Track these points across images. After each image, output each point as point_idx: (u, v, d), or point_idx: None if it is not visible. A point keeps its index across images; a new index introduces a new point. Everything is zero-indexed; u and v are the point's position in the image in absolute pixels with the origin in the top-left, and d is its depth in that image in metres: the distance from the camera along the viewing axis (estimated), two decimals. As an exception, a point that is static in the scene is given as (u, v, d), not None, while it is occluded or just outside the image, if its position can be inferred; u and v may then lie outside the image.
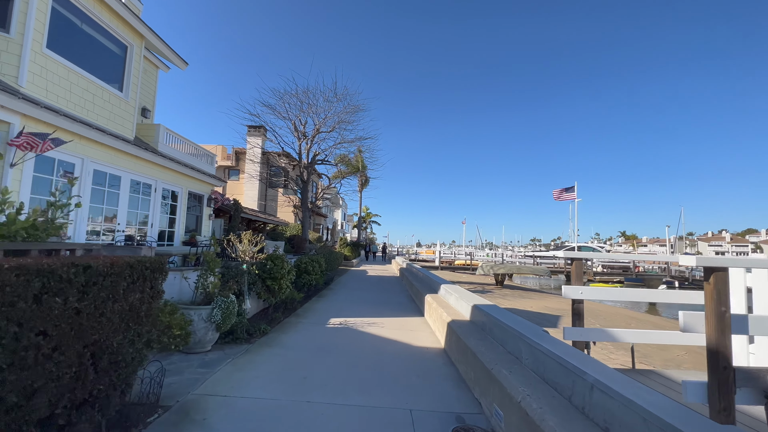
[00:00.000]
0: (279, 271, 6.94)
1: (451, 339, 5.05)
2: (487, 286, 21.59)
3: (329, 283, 12.76)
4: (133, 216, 9.01)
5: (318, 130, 15.95)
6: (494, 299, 15.98)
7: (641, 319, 14.17)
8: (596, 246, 49.30)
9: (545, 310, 14.09)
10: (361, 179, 37.90)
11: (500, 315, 4.36)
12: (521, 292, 19.97)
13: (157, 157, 9.36)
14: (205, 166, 12.52)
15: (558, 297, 19.62)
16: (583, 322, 3.30)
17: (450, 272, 27.27)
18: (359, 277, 16.34)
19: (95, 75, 7.71)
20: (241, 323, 5.21)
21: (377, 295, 10.78)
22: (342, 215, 52.24)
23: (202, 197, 12.39)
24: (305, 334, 5.92)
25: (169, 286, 4.83)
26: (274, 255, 7.14)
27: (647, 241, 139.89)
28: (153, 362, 3.32)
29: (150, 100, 13.19)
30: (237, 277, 5.71)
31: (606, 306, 17.50)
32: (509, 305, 14.50)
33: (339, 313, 7.70)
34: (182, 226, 11.04)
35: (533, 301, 16.34)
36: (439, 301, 6.99)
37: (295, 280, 9.51)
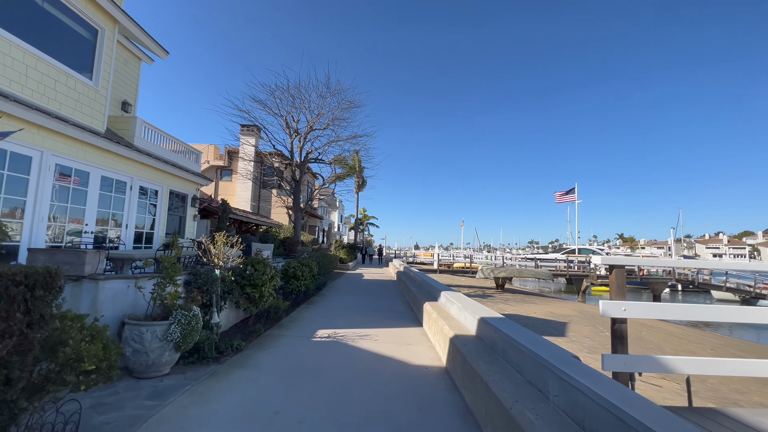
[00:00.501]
0: (260, 277, 6.18)
1: (455, 358, 4.31)
2: (487, 290, 20.87)
3: (321, 288, 12.00)
4: (105, 216, 8.24)
5: (311, 128, 15.24)
6: (496, 305, 15.26)
7: (683, 336, 12.02)
8: (596, 248, 48.74)
9: (550, 316, 13.38)
10: (357, 181, 37.22)
11: (514, 332, 3.63)
12: (523, 297, 19.25)
13: (132, 152, 8.61)
14: (190, 163, 11.76)
15: (561, 301, 18.92)
16: (627, 346, 2.57)
17: (449, 275, 26.52)
18: (354, 282, 15.58)
19: (59, 60, 6.96)
20: (209, 339, 4.45)
21: (372, 302, 10.03)
22: (339, 217, 51.46)
23: (186, 197, 11.62)
24: (286, 350, 5.16)
25: (121, 298, 4.08)
26: (256, 259, 6.39)
27: (645, 243, 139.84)
28: (70, 401, 2.56)
29: (131, 93, 12.44)
30: (207, 285, 4.95)
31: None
32: (512, 311, 13.78)
33: (328, 324, 6.95)
34: (163, 228, 10.28)
35: (537, 306, 15.63)
36: (439, 311, 6.25)
37: (283, 286, 8.76)
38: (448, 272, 23.73)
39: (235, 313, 6.48)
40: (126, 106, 11.93)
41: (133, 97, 12.48)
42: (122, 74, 12.02)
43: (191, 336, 3.95)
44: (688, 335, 11.57)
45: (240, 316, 6.64)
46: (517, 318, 12.22)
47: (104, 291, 3.92)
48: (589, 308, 16.76)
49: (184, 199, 11.53)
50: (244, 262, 6.45)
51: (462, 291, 19.67)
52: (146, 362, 3.71)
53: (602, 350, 8.63)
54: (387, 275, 19.69)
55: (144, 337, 3.68)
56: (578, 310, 15.27)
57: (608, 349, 8.80)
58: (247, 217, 17.54)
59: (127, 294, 4.12)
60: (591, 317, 13.61)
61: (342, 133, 15.63)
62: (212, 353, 4.44)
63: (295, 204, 14.85)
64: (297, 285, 8.71)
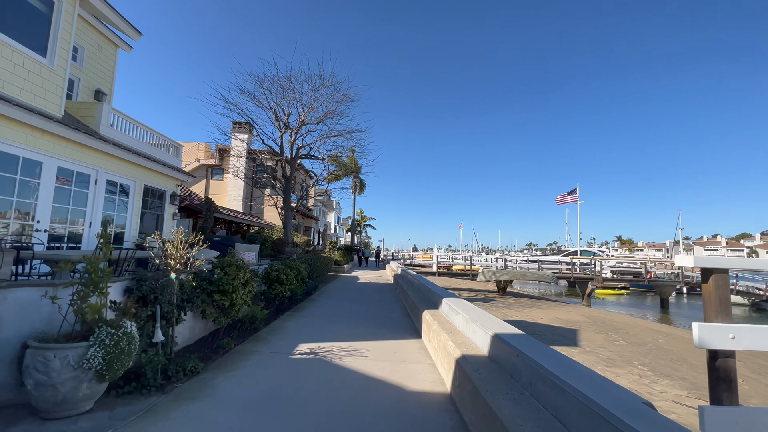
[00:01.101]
0: (230, 282, 5.26)
1: (463, 386, 3.40)
2: (488, 293, 19.98)
3: (312, 293, 11.07)
4: (63, 212, 7.30)
5: (303, 122, 14.35)
6: (499, 310, 14.37)
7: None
8: (597, 250, 47.99)
9: (557, 322, 12.50)
10: (354, 181, 36.36)
11: (545, 358, 2.73)
12: (526, 301, 18.37)
13: (96, 141, 7.68)
14: (168, 157, 10.84)
15: (566, 306, 18.05)
16: (737, 393, 1.68)
17: (448, 278, 25.63)
18: (348, 285, 14.65)
19: (4, 32, 6.04)
20: (152, 362, 3.53)
21: (366, 309, 9.11)
22: (335, 218, 50.55)
23: (165, 194, 10.69)
24: (256, 372, 4.24)
25: (31, 312, 3.15)
26: (226, 261, 5.47)
27: (643, 245, 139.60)
28: None
29: (107, 82, 11.52)
30: (156, 293, 4.02)
31: (620, 316, 15.95)
32: (516, 316, 12.89)
33: (314, 335, 6.03)
34: (135, 227, 9.34)
35: (542, 311, 14.74)
36: (441, 322, 5.35)
37: (266, 291, 7.83)
38: (447, 275, 22.86)
39: (203, 324, 5.55)
40: (100, 95, 11.00)
41: (109, 86, 11.56)
42: (96, 61, 11.10)
43: (121, 360, 3.02)
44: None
45: (209, 327, 5.71)
46: (524, 325, 11.33)
47: (5, 302, 2.99)
48: (597, 313, 15.89)
49: (162, 196, 10.59)
50: (214, 265, 5.54)
51: (462, 295, 18.74)
52: (54, 398, 2.79)
53: (622, 363, 7.77)
54: (384, 278, 18.78)
55: (50, 365, 2.75)
56: (586, 315, 14.40)
57: (626, 359, 7.86)
58: (236, 217, 16.60)
59: (41, 306, 3.20)
60: (601, 323, 12.74)
61: (336, 128, 14.76)
62: (156, 380, 3.51)
63: (286, 202, 13.94)
64: (281, 290, 7.78)
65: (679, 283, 20.51)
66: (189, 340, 5.19)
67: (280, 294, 7.77)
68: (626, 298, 26.77)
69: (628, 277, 22.80)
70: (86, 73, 10.67)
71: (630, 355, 8.47)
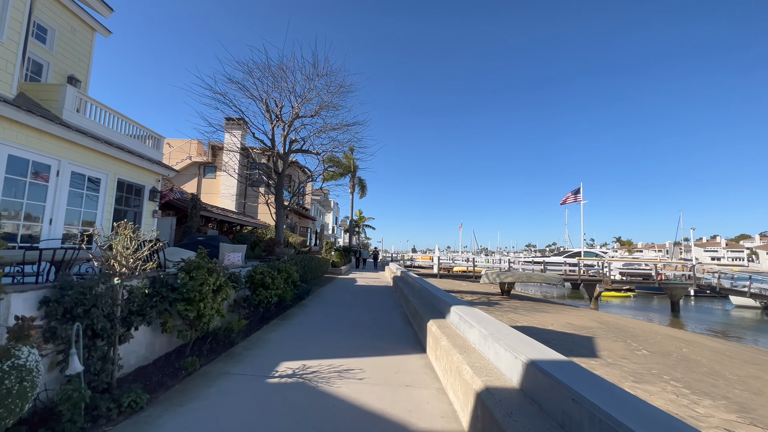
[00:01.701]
0: (197, 288, 4.36)
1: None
2: (492, 296, 19.09)
3: (304, 297, 10.16)
4: (17, 207, 6.40)
5: (297, 115, 13.48)
6: (506, 314, 13.48)
7: (733, 354, 9.58)
8: (599, 251, 47.15)
9: (569, 328, 11.61)
10: (353, 180, 35.50)
11: (622, 411, 1.83)
12: (533, 304, 17.47)
13: (58, 127, 6.78)
14: (147, 149, 9.94)
15: (574, 309, 17.16)
16: None
17: (450, 280, 24.73)
18: (345, 288, 13.74)
19: (-63, -6, 5.16)
20: (69, 399, 2.63)
21: (362, 315, 8.21)
22: (333, 219, 49.67)
23: (143, 189, 9.78)
24: (218, 405, 3.34)
25: None
26: (194, 263, 4.57)
27: (643, 246, 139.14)
28: None
29: (82, 68, 10.63)
30: (87, 305, 3.12)
31: (634, 321, 15.05)
32: (526, 322, 12.00)
33: (299, 351, 5.13)
34: (107, 225, 8.41)
35: (551, 316, 13.85)
36: (450, 335, 4.46)
37: (248, 297, 6.93)
38: (448, 276, 21.99)
39: (166, 339, 4.65)
40: (74, 81, 10.10)
41: (84, 72, 10.67)
42: (69, 44, 10.22)
43: (7, 406, 2.12)
44: (738, 353, 9.82)
45: (175, 342, 4.81)
46: (535, 332, 10.44)
47: None
48: (609, 318, 15.01)
49: (140, 191, 9.68)
50: (180, 268, 4.64)
51: (465, 297, 17.82)
52: None
53: (651, 378, 6.88)
54: (382, 280, 17.87)
55: None
56: (598, 321, 13.52)
57: (654, 373, 6.96)
58: (227, 216, 15.69)
59: None
60: (616, 330, 11.86)
61: (331, 121, 13.88)
62: (77, 423, 2.61)
63: (278, 200, 13.03)
64: (266, 296, 6.87)
65: (691, 285, 19.67)
66: (146, 359, 4.29)
67: (265, 300, 6.86)
68: (632, 301, 25.91)
69: (637, 279, 21.94)
70: (57, 57, 9.78)
71: (657, 367, 7.59)
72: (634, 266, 23.63)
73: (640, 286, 24.38)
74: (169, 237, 11.14)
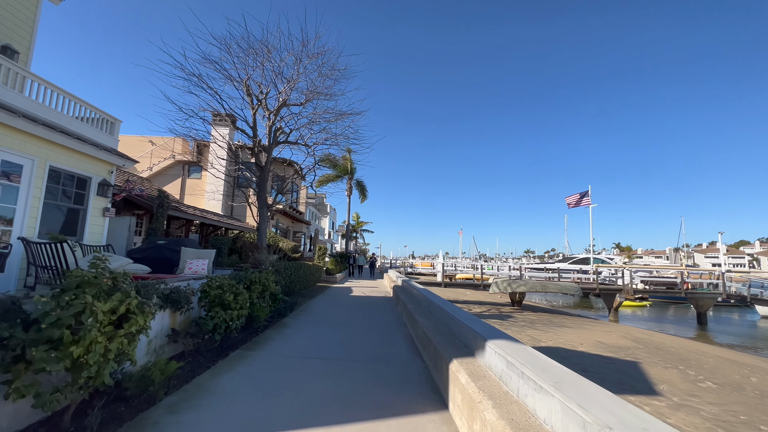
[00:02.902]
0: (69, 320, 2.56)
1: None
2: (502, 307, 17.28)
3: (286, 314, 8.35)
4: None
5: (284, 102, 11.78)
6: (523, 330, 11.67)
7: None
8: (605, 258, 45.44)
9: (601, 348, 9.83)
10: (350, 183, 33.81)
11: None
12: (548, 317, 15.67)
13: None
14: (95, 133, 8.18)
15: (595, 323, 15.37)
16: None
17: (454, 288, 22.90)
18: (338, 300, 11.93)
19: None
20: None
21: (356, 340, 6.41)
22: (330, 224, 47.87)
23: (89, 181, 8.00)
24: None
25: None
26: (73, 280, 2.78)
27: (642, 252, 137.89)
28: None
29: (22, 38, 8.88)
30: None
31: (670, 337, 13.25)
32: (549, 341, 10.20)
33: (256, 413, 3.34)
34: (32, 223, 6.63)
35: (574, 332, 12.07)
36: (497, 397, 2.68)
37: (201, 320, 5.12)
38: (452, 285, 20.20)
39: (21, 407, 2.82)
40: (9, 52, 8.39)
41: (25, 43, 8.94)
42: (5, 9, 8.53)
43: None
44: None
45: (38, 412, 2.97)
46: (565, 354, 8.65)
47: None
48: (639, 333, 13.21)
49: (85, 184, 7.91)
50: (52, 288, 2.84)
51: (474, 309, 16.00)
52: None
53: (745, 429, 5.09)
54: (381, 290, 16.04)
55: None
56: (630, 338, 11.74)
57: (744, 421, 5.06)
58: (205, 217, 13.88)
59: None
60: (657, 350, 10.08)
61: (320, 107, 12.17)
62: None
63: (260, 198, 11.25)
64: (224, 318, 5.06)
65: (720, 295, 17.94)
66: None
67: (223, 324, 5.04)
68: (648, 311, 24.15)
69: (660, 289, 20.19)
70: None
71: (741, 409, 5.81)
72: (656, 274, 21.83)
73: (672, 297, 22.28)
74: (127, 241, 9.33)
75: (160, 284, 4.49)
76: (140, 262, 8.09)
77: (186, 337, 4.81)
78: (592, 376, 7.29)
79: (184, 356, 4.75)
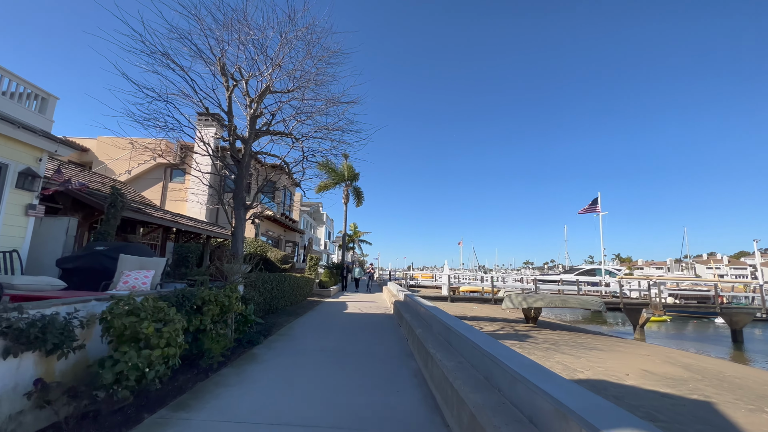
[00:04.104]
0: None
1: None
2: (516, 325, 15.37)
3: (258, 342, 6.47)
4: None
5: (268, 88, 10.15)
6: (548, 353, 9.77)
7: None
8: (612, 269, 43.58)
9: (653, 381, 7.95)
10: (346, 190, 32.13)
11: None
12: (570, 336, 13.76)
13: None
14: (19, 110, 6.44)
15: (628, 344, 13.46)
16: None
17: (460, 303, 20.95)
18: (329, 319, 10.05)
19: None
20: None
21: (345, 384, 4.56)
22: (326, 234, 45.99)
23: (4, 170, 6.24)
24: None
25: None
26: None
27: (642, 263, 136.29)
28: None
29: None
30: None
31: (724, 363, 11.35)
32: (588, 371, 8.32)
33: None
34: None
35: (608, 356, 10.18)
36: None
37: (98, 368, 3.25)
38: (458, 299, 18.30)
39: None
40: None
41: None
42: None
43: None
44: None
45: None
46: (615, 392, 6.78)
47: None
48: (683, 357, 11.32)
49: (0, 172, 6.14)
50: None
51: (484, 327, 14.06)
52: None
53: None
54: (380, 305, 14.13)
55: None
56: (676, 363, 9.87)
57: None
58: (177, 222, 12.04)
59: None
60: (719, 382, 8.22)
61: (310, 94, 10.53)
62: None
63: (237, 197, 9.48)
64: (136, 364, 3.20)
65: (759, 310, 16.10)
66: None
67: (134, 372, 3.18)
68: (668, 326, 22.27)
69: (691, 303, 18.34)
70: None
71: None
72: (686, 286, 20.01)
73: (706, 312, 19.91)
74: (64, 247, 7.48)
75: (9, 312, 2.68)
76: (69, 273, 6.25)
77: (66, 397, 2.95)
78: (668, 429, 5.44)
79: (60, 430, 2.90)
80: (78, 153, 22.22)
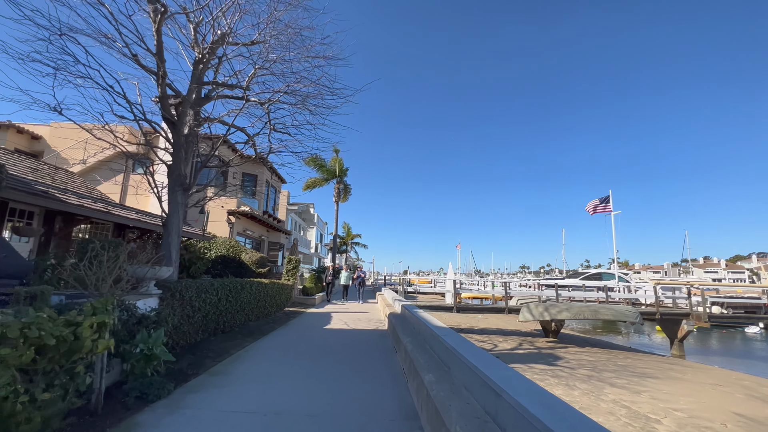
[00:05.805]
0: None
1: None
2: (535, 340, 12.85)
3: (152, 397, 3.85)
4: None
5: (223, 37, 7.69)
6: (593, 386, 7.19)
7: None
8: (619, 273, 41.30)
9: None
10: (337, 187, 29.60)
11: None
12: (602, 353, 11.26)
13: None
14: None
15: (671, 362, 10.99)
16: None
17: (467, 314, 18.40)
18: (303, 340, 7.48)
19: None
20: None
21: None
22: (317, 236, 43.27)
23: None
24: None
25: None
26: None
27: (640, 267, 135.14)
28: None
29: None
30: None
31: None
32: (668, 422, 5.80)
33: None
34: None
35: (670, 388, 7.69)
36: None
37: None
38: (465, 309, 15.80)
39: None
40: None
41: None
42: None
43: None
44: None
45: None
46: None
47: None
48: (763, 387, 8.82)
49: None
50: None
51: (498, 343, 11.56)
52: None
53: None
54: (372, 317, 11.54)
55: None
56: (764, 398, 7.40)
57: None
58: (111, 213, 9.37)
59: None
60: None
61: (280, 49, 8.05)
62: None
63: (172, 174, 6.94)
64: None
65: (818, 322, 13.80)
66: None
67: None
68: (697, 338, 19.90)
69: (739, 312, 16.01)
70: None
71: None
72: (733, 292, 17.66)
73: (736, 321, 17.40)
74: None
75: None
76: None
77: None
78: None
79: None
80: (28, 141, 19.52)
